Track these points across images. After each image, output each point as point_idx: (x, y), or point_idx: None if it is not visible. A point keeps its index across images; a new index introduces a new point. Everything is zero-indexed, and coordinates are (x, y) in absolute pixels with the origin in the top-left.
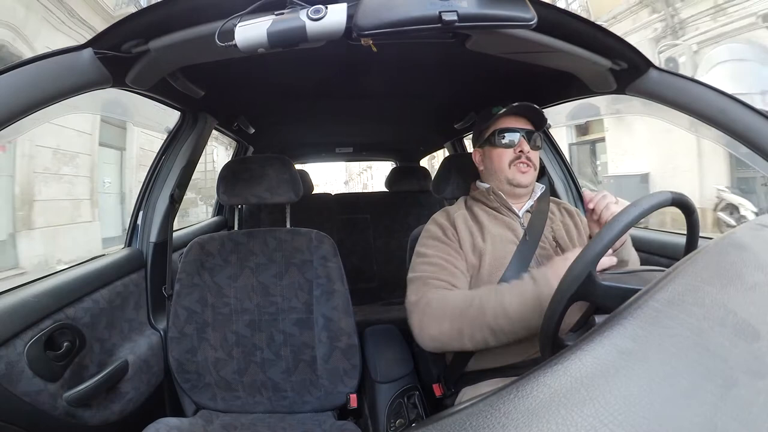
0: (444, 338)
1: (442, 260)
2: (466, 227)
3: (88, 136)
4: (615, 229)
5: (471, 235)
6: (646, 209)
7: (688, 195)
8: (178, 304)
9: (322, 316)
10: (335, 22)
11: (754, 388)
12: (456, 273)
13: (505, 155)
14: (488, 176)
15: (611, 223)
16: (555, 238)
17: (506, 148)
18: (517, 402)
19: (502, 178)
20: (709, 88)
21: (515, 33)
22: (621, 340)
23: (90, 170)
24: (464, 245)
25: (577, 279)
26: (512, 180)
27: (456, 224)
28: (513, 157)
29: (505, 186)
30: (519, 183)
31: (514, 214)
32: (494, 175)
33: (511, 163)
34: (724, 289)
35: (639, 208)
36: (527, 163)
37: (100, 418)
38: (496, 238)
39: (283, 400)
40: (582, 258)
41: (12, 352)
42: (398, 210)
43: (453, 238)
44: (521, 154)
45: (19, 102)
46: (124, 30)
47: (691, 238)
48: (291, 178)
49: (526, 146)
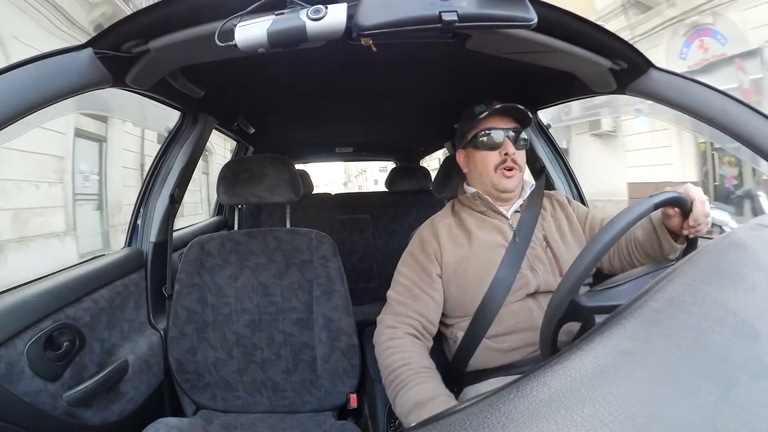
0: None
1: (410, 282)
2: (450, 237)
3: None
4: (589, 256)
5: (456, 244)
6: (623, 227)
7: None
8: (178, 304)
9: (322, 316)
10: (335, 22)
11: (754, 388)
12: (421, 298)
13: (489, 158)
14: (474, 179)
15: (585, 250)
16: (545, 237)
17: (491, 150)
18: (517, 402)
19: (488, 183)
20: (709, 88)
21: (515, 33)
22: (621, 340)
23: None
24: (447, 256)
25: (560, 308)
26: (498, 186)
27: (439, 236)
28: (498, 161)
29: (491, 190)
30: (505, 188)
31: (501, 216)
32: (480, 179)
33: (496, 168)
34: (724, 289)
35: (614, 229)
36: (512, 167)
37: (100, 418)
38: (483, 244)
39: (283, 400)
40: (561, 288)
41: (12, 352)
42: (398, 210)
43: (433, 254)
44: (506, 157)
45: (19, 102)
46: (124, 30)
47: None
48: (291, 178)
49: (511, 148)
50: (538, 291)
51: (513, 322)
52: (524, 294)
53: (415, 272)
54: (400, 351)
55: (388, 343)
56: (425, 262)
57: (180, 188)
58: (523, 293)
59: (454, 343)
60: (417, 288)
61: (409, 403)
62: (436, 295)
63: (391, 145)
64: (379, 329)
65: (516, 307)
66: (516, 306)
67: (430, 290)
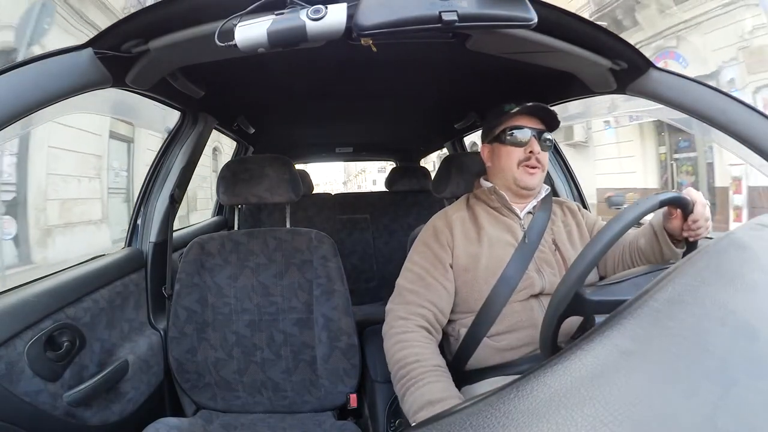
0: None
1: (423, 270)
2: (463, 230)
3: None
4: (597, 246)
5: (467, 238)
6: (630, 221)
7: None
8: (178, 304)
9: (322, 316)
10: (335, 22)
11: (754, 388)
12: (434, 286)
13: (514, 154)
14: (495, 174)
15: (593, 241)
16: (554, 242)
17: (516, 146)
18: (517, 402)
19: (509, 178)
20: (709, 88)
21: (515, 33)
22: (621, 340)
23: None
24: (458, 250)
25: (564, 300)
26: (519, 181)
27: (453, 228)
28: (522, 157)
29: (511, 185)
30: (526, 185)
31: (515, 215)
32: (501, 174)
33: (519, 163)
34: (724, 289)
35: (622, 221)
36: (536, 165)
37: (100, 418)
38: (494, 241)
39: (283, 400)
40: (566, 280)
41: (12, 352)
42: (398, 210)
43: (446, 243)
44: (531, 154)
45: (19, 102)
46: (124, 30)
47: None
48: (291, 178)
49: (536, 146)
50: (542, 293)
51: (514, 321)
52: (528, 295)
53: (428, 260)
54: (412, 346)
55: (400, 337)
56: (439, 251)
57: (180, 188)
58: (527, 294)
59: (455, 340)
60: (430, 276)
61: (420, 401)
62: (448, 285)
63: (391, 145)
64: (389, 320)
65: (518, 306)
66: (518, 305)
67: (443, 279)
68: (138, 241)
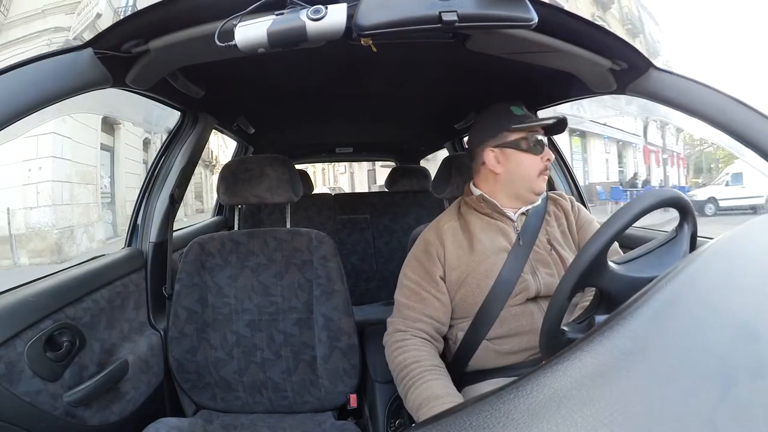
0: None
1: (416, 285)
2: (455, 241)
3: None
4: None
5: (460, 248)
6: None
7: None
8: (178, 304)
9: (322, 316)
10: (335, 22)
11: (754, 388)
12: (429, 300)
13: (537, 163)
14: (505, 180)
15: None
16: (549, 241)
17: (536, 155)
18: (517, 402)
19: (526, 186)
20: (709, 88)
21: (515, 33)
22: (621, 340)
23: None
24: (451, 261)
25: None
26: (536, 189)
27: (444, 240)
28: (542, 167)
29: (523, 193)
30: (541, 191)
31: (507, 218)
32: (517, 182)
33: (540, 173)
34: (724, 289)
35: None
36: (547, 170)
37: (100, 418)
38: (487, 250)
39: (283, 400)
40: (595, 240)
41: (12, 352)
42: (398, 210)
43: (437, 256)
44: (547, 163)
45: (19, 102)
46: (124, 30)
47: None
48: (291, 178)
49: (551, 154)
50: (538, 295)
51: (514, 325)
52: (524, 299)
53: (419, 275)
54: (411, 349)
55: (399, 343)
56: (429, 265)
57: (180, 188)
58: (523, 297)
59: (454, 343)
60: (423, 291)
61: (421, 397)
62: (442, 297)
63: (391, 145)
64: (389, 332)
65: (517, 310)
66: (517, 309)
67: (436, 293)
68: (138, 241)
